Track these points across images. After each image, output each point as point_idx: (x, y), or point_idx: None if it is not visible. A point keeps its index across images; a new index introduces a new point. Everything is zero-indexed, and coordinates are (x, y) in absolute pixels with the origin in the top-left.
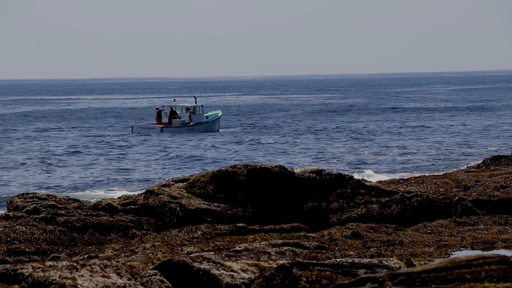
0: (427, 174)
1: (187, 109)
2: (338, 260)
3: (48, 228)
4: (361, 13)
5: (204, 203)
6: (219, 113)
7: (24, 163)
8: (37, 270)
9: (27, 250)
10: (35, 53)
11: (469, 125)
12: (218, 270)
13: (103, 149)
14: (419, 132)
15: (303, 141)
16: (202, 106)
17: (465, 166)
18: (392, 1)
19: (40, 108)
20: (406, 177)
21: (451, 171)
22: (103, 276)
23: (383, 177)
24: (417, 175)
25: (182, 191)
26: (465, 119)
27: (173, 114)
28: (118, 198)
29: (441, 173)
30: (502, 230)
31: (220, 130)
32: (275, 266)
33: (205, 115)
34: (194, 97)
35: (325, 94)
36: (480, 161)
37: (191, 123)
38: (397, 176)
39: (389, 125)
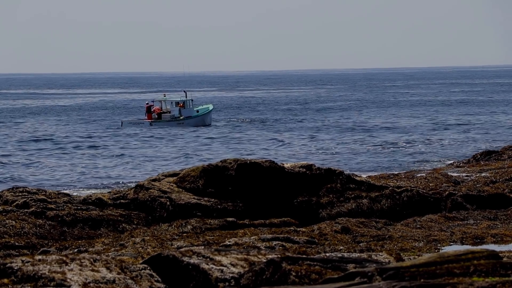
0: (417, 169)
1: (177, 103)
2: (327, 254)
3: (38, 222)
4: (354, 6)
5: (194, 198)
6: (210, 106)
7: (12, 158)
8: (26, 264)
9: (16, 244)
10: (26, 47)
11: (460, 121)
12: (207, 264)
13: (93, 145)
14: (409, 128)
15: (293, 136)
16: (192, 100)
17: (455, 161)
18: None
19: (27, 102)
20: (396, 172)
21: (441, 166)
22: (92, 270)
23: (373, 173)
24: (407, 170)
25: (172, 185)
26: (456, 114)
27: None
28: (108, 192)
29: (431, 169)
30: (492, 225)
31: (212, 123)
32: (265, 260)
33: (195, 109)
34: (184, 91)
35: (317, 89)
36: (470, 157)
37: (181, 117)
38: (387, 171)
39: (377, 121)
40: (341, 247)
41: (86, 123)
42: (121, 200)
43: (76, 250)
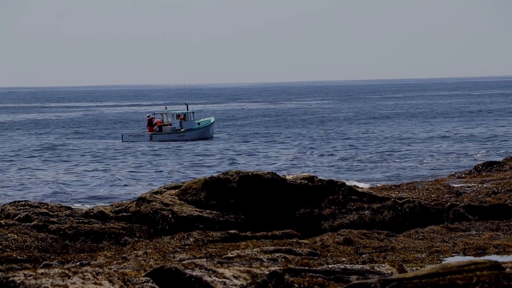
0: (418, 181)
1: (178, 115)
2: (330, 266)
3: (40, 236)
4: (355, 18)
5: (196, 210)
6: (212, 119)
7: (13, 171)
8: (29, 277)
9: (19, 257)
10: (28, 60)
11: (461, 131)
12: (210, 277)
13: (93, 157)
14: (410, 139)
15: (295, 148)
16: (193, 112)
17: (457, 172)
18: (386, 6)
19: (29, 116)
20: (398, 183)
21: (442, 177)
22: (95, 283)
23: (374, 184)
24: (409, 181)
25: (174, 198)
26: (457, 125)
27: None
28: (110, 205)
29: (433, 179)
30: (494, 236)
31: (214, 136)
32: (267, 272)
33: (197, 121)
34: (186, 104)
35: (318, 101)
36: (472, 167)
37: (182, 130)
38: (389, 182)
39: (378, 132)
40: (344, 259)
41: (87, 136)
42: (123, 213)
43: (78, 263)
